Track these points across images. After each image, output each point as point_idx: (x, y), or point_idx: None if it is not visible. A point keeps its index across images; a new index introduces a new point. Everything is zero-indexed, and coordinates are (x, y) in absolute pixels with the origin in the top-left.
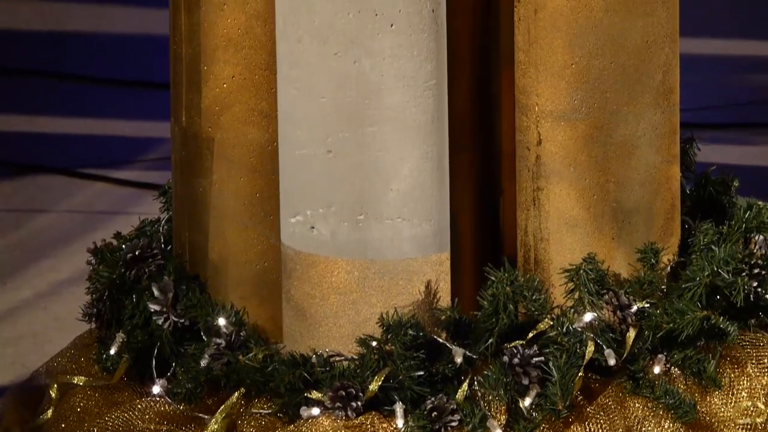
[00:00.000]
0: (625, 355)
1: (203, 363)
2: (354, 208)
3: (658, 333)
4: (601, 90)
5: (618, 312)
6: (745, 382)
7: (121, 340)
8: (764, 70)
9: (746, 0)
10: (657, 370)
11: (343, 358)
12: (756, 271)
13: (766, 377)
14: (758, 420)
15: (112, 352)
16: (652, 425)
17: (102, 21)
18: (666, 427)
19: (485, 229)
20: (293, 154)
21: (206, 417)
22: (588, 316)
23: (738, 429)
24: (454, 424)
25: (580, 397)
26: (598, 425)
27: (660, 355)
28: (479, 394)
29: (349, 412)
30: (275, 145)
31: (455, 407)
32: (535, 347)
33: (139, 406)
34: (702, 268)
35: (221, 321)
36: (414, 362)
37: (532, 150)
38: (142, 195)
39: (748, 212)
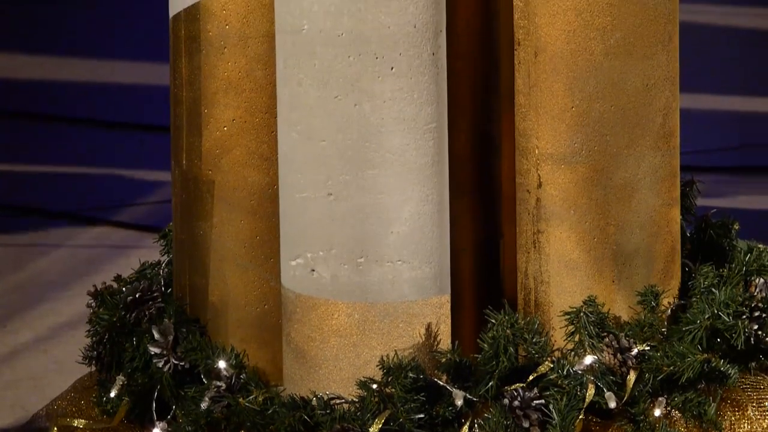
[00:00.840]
0: (625, 398)
1: (203, 406)
2: (354, 251)
3: (658, 376)
4: (601, 133)
5: (618, 355)
6: (745, 425)
7: (121, 382)
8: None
9: (742, 57)
10: (658, 412)
11: (343, 400)
12: (756, 314)
13: (766, 420)
14: None
15: (112, 394)
16: None
17: (101, 71)
18: None
19: (485, 271)
20: (293, 197)
21: None
22: (588, 359)
23: None
24: None
25: None
26: None
27: (661, 398)
28: None
29: None
30: (275, 188)
31: None
32: (536, 390)
33: None
34: (702, 310)
35: (221, 364)
36: (414, 405)
37: (533, 193)
38: (142, 238)
39: (749, 255)
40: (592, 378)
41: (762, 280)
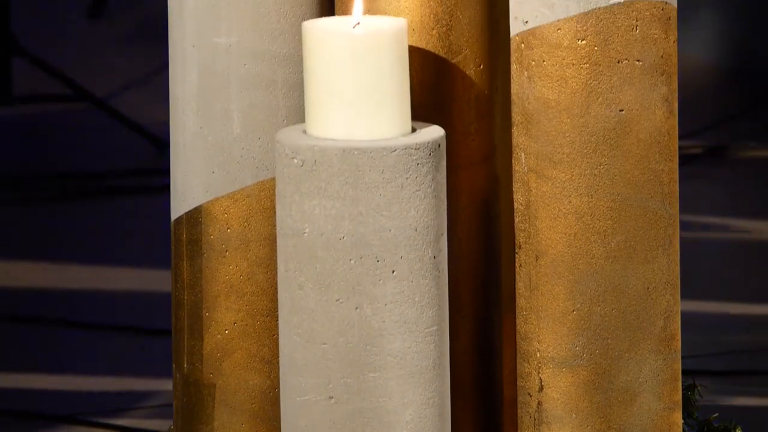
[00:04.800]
0: None
1: None
2: None
3: None
4: (602, 336)
5: None
6: None
7: None
8: (763, 323)
9: (741, 259)
10: None
11: None
12: None
13: None
14: None
15: None
16: None
17: (102, 279)
18: None
19: None
20: (295, 400)
21: None
22: None
23: None
24: None
25: None
26: None
27: None
28: None
29: None
30: (277, 391)
31: None
32: None
33: None
34: None
35: None
36: None
37: (534, 396)
38: None
39: None
40: None
41: None
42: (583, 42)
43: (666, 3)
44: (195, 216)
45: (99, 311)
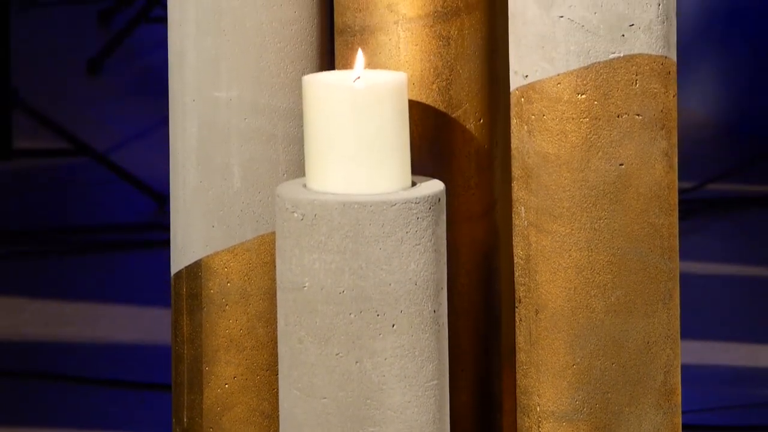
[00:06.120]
0: None
1: None
2: None
3: None
4: (602, 391)
5: None
6: None
7: None
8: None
9: (744, 304)
10: None
11: None
12: None
13: None
14: None
15: None
16: None
17: (101, 332)
18: None
19: None
20: None
21: None
22: None
23: None
24: None
25: None
26: None
27: None
28: None
29: None
30: None
31: None
32: None
33: None
34: None
35: None
36: None
37: None
38: None
39: None
40: None
41: None
42: (583, 96)
43: (666, 57)
44: (195, 270)
45: (98, 365)
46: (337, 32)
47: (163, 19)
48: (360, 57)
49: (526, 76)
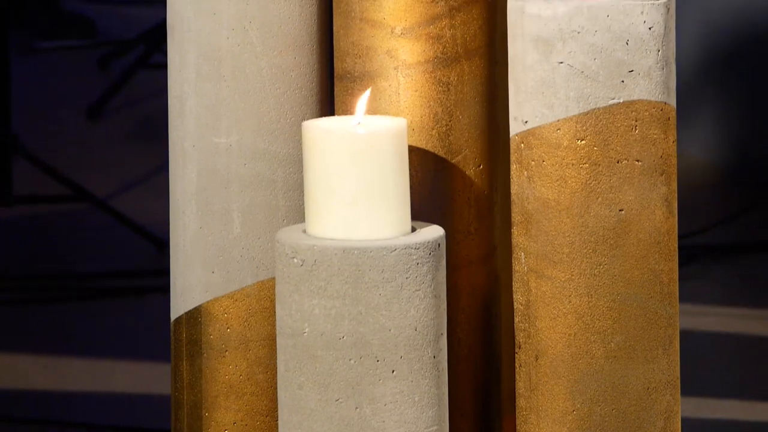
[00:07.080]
0: None
1: None
2: None
3: None
4: None
5: None
6: None
7: None
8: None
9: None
10: None
11: None
12: None
13: None
14: None
15: None
16: None
17: (100, 379)
18: None
19: None
20: None
21: None
22: None
23: None
24: None
25: None
26: None
27: None
28: None
29: None
30: None
31: None
32: None
33: None
34: None
35: None
36: None
37: None
38: None
39: None
40: None
41: None
42: (583, 142)
43: (665, 103)
44: (195, 316)
45: (98, 412)
46: (336, 78)
47: (162, 66)
48: (362, 102)
49: (526, 121)
